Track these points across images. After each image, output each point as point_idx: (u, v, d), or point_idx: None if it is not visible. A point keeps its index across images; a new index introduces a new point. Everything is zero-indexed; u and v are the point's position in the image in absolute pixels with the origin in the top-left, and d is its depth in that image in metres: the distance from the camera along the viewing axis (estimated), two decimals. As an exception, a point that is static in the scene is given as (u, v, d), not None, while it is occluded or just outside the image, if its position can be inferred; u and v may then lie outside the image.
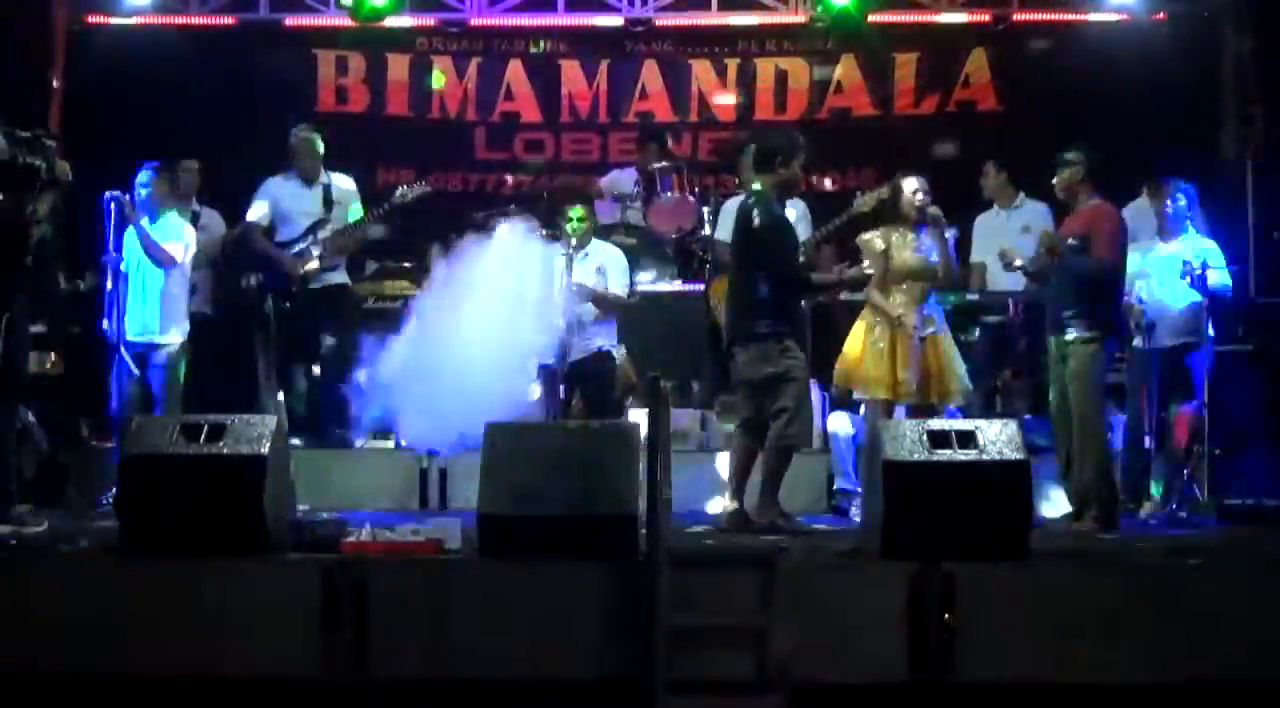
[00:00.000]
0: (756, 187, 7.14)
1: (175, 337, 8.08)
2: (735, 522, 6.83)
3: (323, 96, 10.89)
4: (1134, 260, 7.54)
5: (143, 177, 8.08)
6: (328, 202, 8.90)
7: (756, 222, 6.91)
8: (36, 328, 7.44)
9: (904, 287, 7.28)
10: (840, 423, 7.94)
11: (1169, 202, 7.82)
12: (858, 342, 7.35)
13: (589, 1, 10.78)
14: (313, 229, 8.86)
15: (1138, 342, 7.71)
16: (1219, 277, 7.75)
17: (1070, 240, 7.14)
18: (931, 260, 7.30)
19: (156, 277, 8.01)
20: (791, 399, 6.76)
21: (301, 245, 8.85)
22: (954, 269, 7.56)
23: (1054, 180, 7.28)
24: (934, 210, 7.31)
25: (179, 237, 8.14)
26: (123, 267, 7.87)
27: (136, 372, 7.87)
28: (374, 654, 5.16)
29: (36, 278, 7.16)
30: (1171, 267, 7.74)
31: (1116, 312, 7.25)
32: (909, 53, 10.78)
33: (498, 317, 7.40)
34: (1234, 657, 5.13)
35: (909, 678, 5.12)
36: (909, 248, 7.30)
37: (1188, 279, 7.61)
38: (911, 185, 7.35)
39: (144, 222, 7.95)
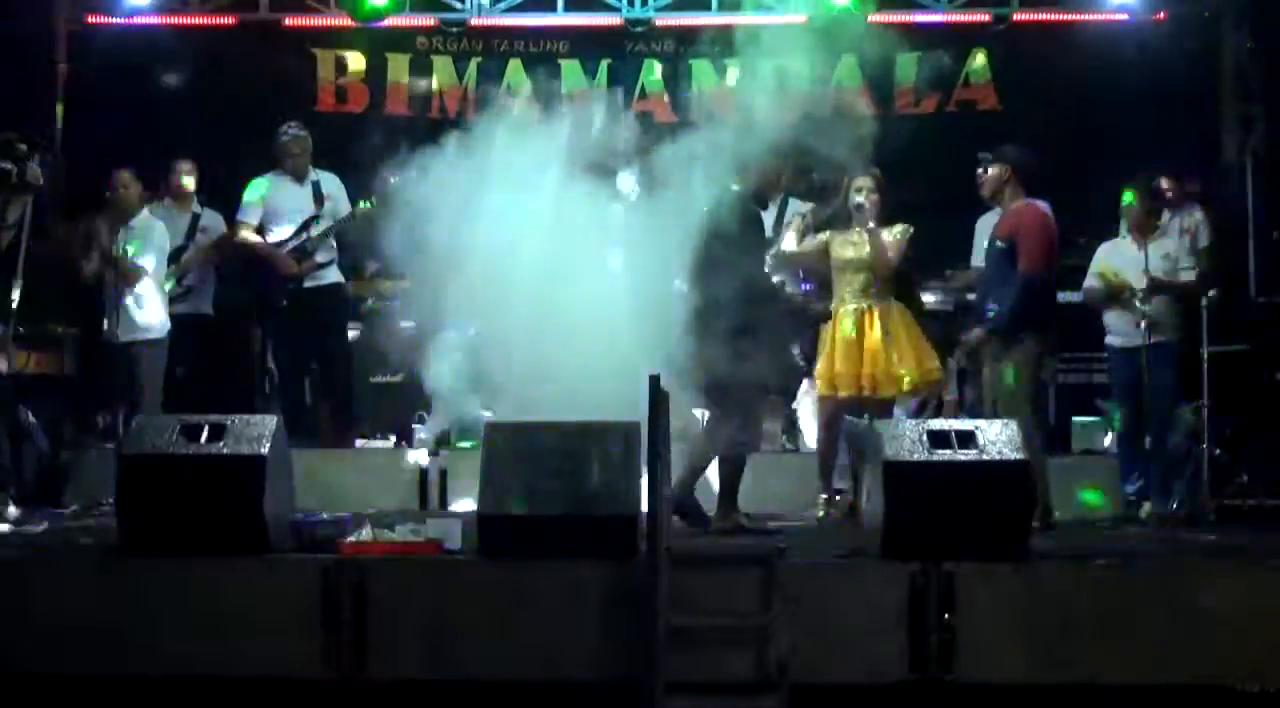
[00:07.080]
0: (736, 186, 6.87)
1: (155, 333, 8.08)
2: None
3: (322, 97, 10.86)
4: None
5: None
6: (318, 198, 8.97)
7: (743, 220, 6.79)
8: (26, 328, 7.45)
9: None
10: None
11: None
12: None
13: (589, 1, 10.77)
14: (306, 226, 8.89)
15: (1117, 340, 7.75)
16: (1186, 275, 7.75)
17: (998, 242, 7.15)
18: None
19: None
20: (743, 405, 6.64)
21: (296, 242, 8.88)
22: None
23: (978, 181, 7.30)
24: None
25: (151, 237, 8.13)
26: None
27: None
28: (374, 654, 5.17)
29: (6, 281, 7.15)
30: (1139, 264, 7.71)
31: (1046, 313, 7.16)
32: (909, 53, 10.77)
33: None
34: (1234, 657, 5.13)
35: (909, 678, 5.13)
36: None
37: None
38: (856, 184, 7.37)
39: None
